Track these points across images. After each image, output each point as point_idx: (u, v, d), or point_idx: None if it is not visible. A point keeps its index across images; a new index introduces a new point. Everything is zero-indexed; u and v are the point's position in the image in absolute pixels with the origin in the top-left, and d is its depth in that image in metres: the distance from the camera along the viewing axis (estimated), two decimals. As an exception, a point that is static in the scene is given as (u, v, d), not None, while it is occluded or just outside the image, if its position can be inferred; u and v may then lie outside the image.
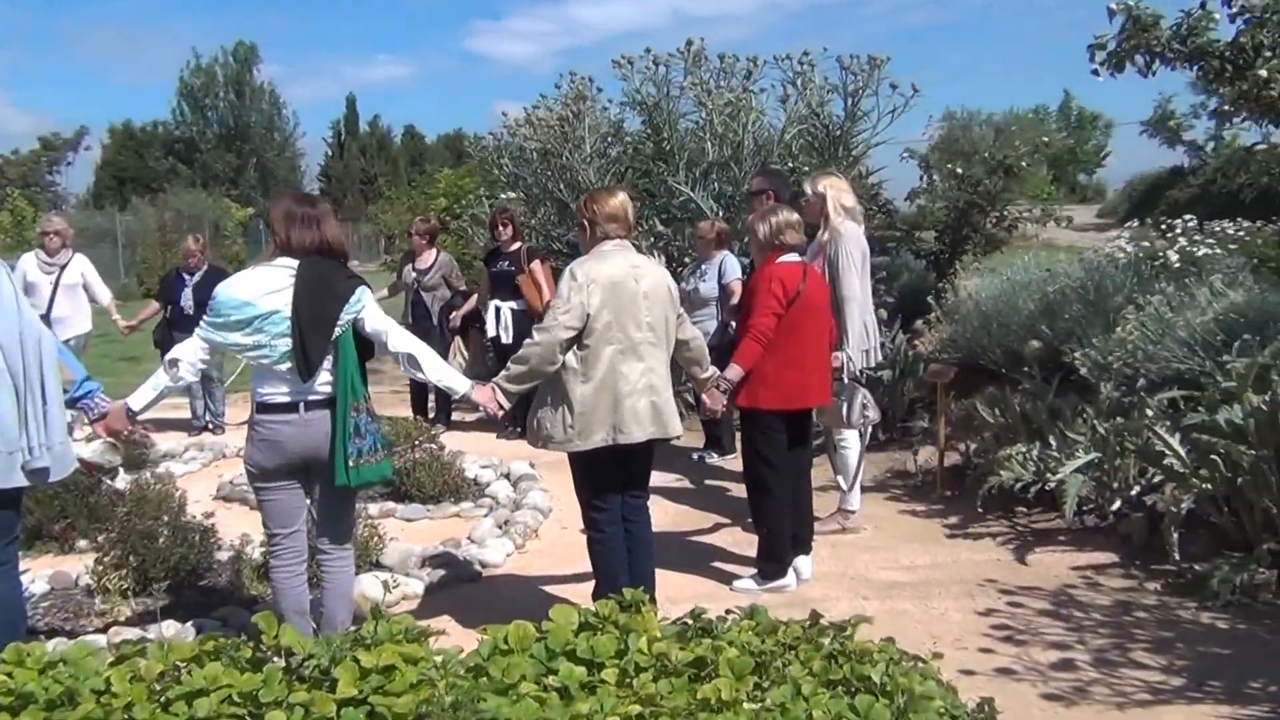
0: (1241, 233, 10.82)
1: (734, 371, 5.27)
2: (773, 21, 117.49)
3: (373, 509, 7.04)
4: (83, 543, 6.35)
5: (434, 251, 9.89)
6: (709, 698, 3.31)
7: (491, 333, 9.28)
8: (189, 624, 5.01)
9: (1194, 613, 5.00)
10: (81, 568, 5.70)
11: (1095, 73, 6.48)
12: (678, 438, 4.96)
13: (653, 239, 9.40)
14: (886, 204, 9.24)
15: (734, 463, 8.24)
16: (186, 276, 10.15)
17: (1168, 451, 5.41)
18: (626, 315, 4.62)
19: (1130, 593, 5.29)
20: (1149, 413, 5.63)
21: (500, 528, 6.54)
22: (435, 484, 7.28)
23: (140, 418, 4.43)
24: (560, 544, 6.36)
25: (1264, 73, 6.23)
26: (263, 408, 4.28)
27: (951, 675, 4.32)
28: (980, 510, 6.45)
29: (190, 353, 4.27)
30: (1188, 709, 4.08)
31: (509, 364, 4.74)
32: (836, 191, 6.20)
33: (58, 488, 6.59)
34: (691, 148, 9.69)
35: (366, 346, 4.46)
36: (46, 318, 9.36)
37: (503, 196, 11.20)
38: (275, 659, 3.48)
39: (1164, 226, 10.52)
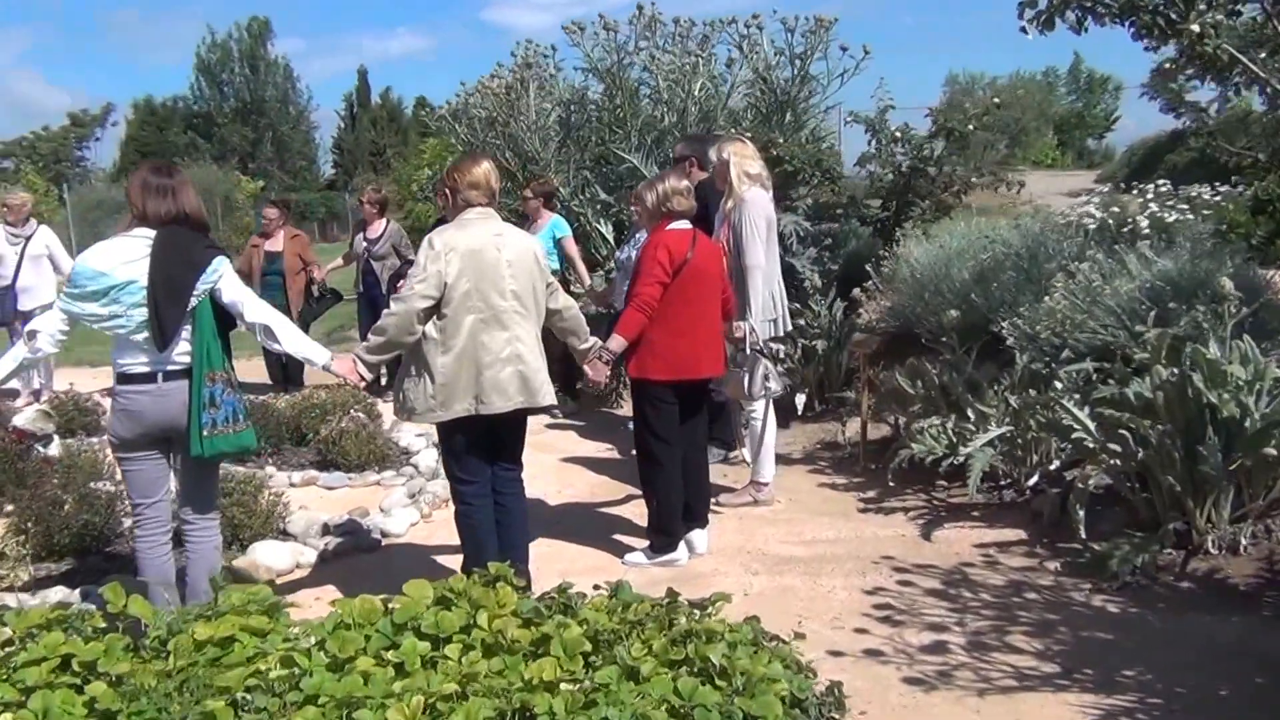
0: (1218, 198, 10.51)
1: (615, 342, 5.09)
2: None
3: (296, 477, 6.98)
4: (10, 508, 6.28)
5: (384, 221, 9.83)
6: (534, 677, 3.19)
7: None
8: (76, 591, 4.98)
9: (1087, 595, 4.78)
10: (-2, 533, 5.62)
11: (1024, 30, 6.17)
12: (550, 409, 4.78)
13: (598, 206, 9.19)
14: (831, 170, 8.97)
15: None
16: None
17: (1076, 426, 5.18)
18: (488, 283, 4.46)
19: (1028, 572, 5.08)
20: (1059, 385, 5.40)
21: (411, 497, 6.40)
22: (361, 453, 7.17)
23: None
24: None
25: (1196, 27, 5.93)
26: (122, 378, 4.23)
27: (818, 655, 4.18)
28: (898, 485, 6.25)
29: (50, 325, 4.19)
30: (1050, 696, 3.88)
31: (369, 334, 4.60)
32: (740, 158, 5.99)
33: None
34: (647, 114, 9.46)
35: (230, 318, 4.36)
36: (12, 288, 9.36)
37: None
38: (146, 628, 3.40)
39: (1135, 190, 10.23)
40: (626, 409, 8.88)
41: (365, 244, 9.67)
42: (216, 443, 4.18)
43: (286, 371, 10.07)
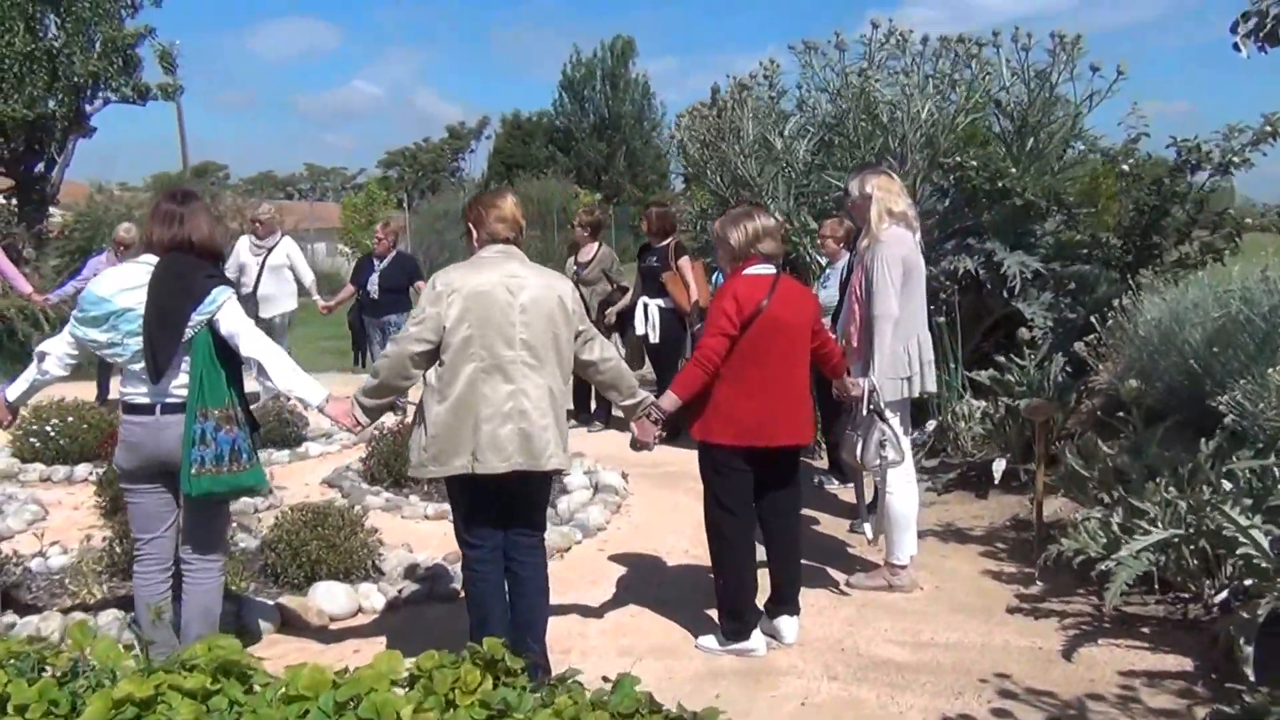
0: None
1: (668, 400, 4.55)
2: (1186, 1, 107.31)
3: (431, 509, 6.84)
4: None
5: (596, 244, 9.55)
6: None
7: (640, 330, 8.82)
8: (129, 615, 4.95)
9: (1224, 760, 3.75)
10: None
11: (1237, 48, 5.04)
12: (560, 473, 4.29)
13: (806, 237, 8.55)
14: (1069, 204, 7.87)
15: (851, 493, 7.32)
16: (376, 261, 10.36)
17: (1243, 539, 4.11)
18: (493, 330, 4.06)
19: (1168, 718, 4.07)
20: (1226, 485, 4.33)
21: (524, 546, 6.06)
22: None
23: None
24: (566, 573, 5.78)
25: None
26: (125, 408, 4.21)
27: (831, 800, 3.49)
28: (1068, 583, 5.28)
29: (58, 347, 4.24)
30: None
31: (369, 376, 4.31)
32: (885, 193, 5.26)
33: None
34: (875, 138, 8.71)
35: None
36: (253, 296, 9.86)
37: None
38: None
39: None
40: (825, 460, 8.19)
41: (575, 268, 9.46)
42: (204, 483, 4.03)
43: None
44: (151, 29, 14.86)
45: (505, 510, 4.23)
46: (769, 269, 4.63)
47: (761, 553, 4.84)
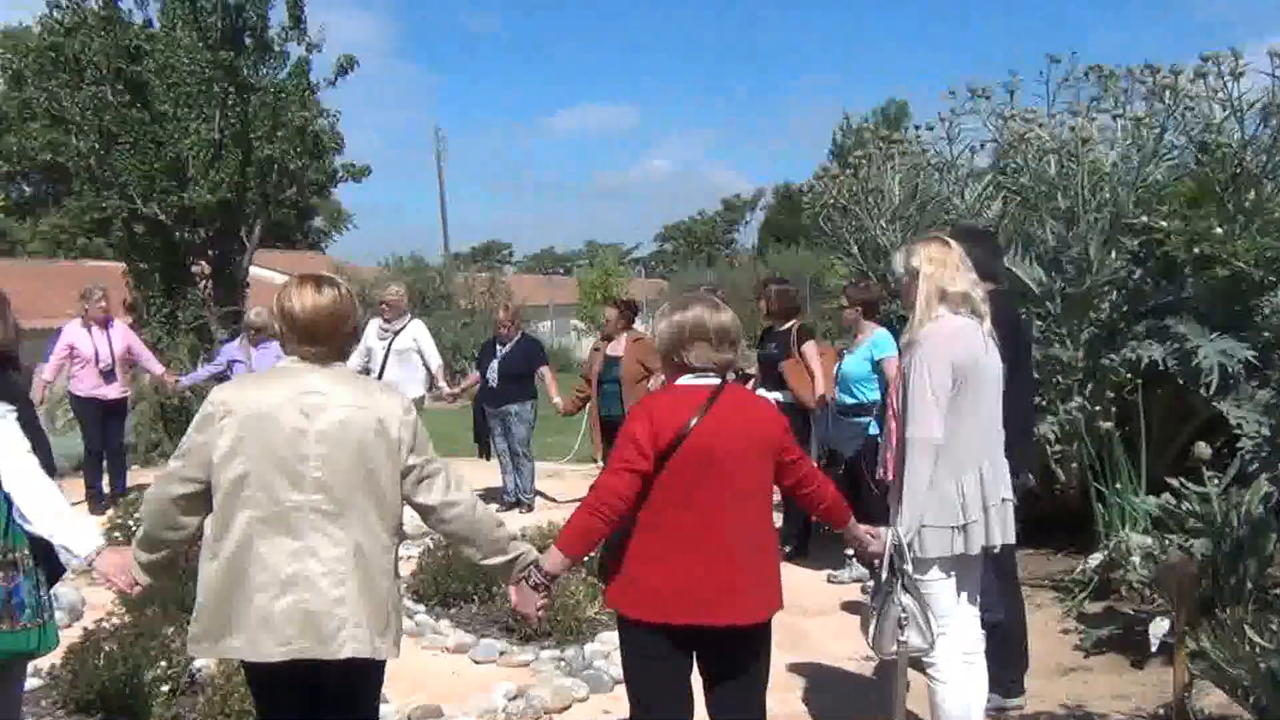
0: None
1: (553, 560, 3.26)
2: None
3: (452, 640, 5.76)
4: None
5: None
6: None
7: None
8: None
9: None
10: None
11: None
12: (369, 661, 3.08)
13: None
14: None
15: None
16: (499, 346, 9.55)
17: None
18: (275, 467, 2.97)
19: None
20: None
21: (510, 699, 4.82)
22: (545, 616, 5.71)
23: None
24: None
25: None
26: None
27: None
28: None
29: None
30: None
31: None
32: (939, 269, 3.76)
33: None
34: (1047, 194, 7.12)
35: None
36: (379, 381, 9.28)
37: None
38: None
39: None
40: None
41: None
42: None
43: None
44: (327, 110, 14.93)
45: (311, 708, 3.10)
46: (709, 380, 3.31)
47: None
